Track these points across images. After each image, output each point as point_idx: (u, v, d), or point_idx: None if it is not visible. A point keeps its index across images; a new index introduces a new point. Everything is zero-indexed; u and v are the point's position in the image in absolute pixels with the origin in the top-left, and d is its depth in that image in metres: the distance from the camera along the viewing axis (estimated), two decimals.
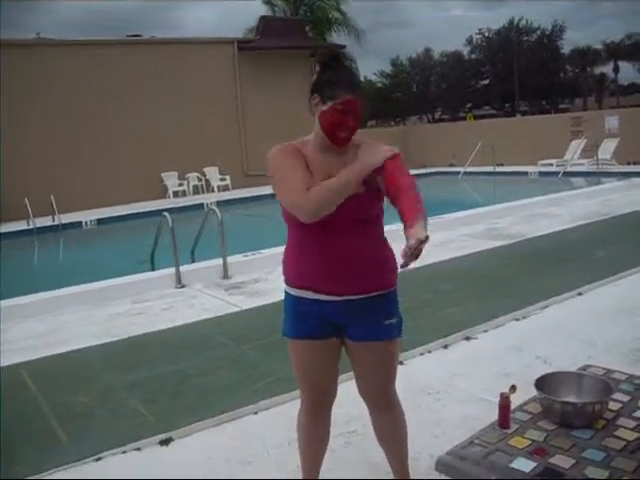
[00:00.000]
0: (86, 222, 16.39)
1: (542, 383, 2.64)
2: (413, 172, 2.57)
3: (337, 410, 2.85)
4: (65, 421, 4.08)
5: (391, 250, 2.64)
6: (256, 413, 4.04)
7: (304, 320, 2.60)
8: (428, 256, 8.25)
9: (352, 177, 2.36)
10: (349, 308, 2.53)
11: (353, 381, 2.81)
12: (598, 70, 61.37)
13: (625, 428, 2.47)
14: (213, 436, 3.79)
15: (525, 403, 2.75)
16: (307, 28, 28.19)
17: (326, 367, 2.70)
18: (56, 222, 15.55)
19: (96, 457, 3.57)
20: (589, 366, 3.16)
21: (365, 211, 2.51)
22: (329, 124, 2.45)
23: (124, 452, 3.63)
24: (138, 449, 3.66)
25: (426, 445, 3.35)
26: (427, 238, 2.16)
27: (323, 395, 2.77)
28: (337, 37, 31.03)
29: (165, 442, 3.73)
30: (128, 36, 21.86)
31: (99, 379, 4.83)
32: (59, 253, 14.53)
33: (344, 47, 28.76)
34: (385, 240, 2.63)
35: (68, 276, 9.12)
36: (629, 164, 18.35)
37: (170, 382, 4.64)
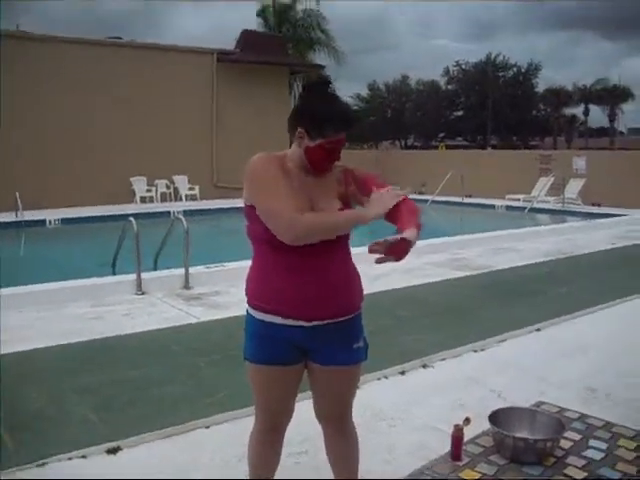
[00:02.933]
0: (50, 221, 16.15)
1: (496, 417, 2.64)
2: None
3: (290, 429, 2.82)
4: (12, 423, 3.98)
5: (357, 271, 2.64)
6: (208, 427, 4.00)
7: (271, 345, 2.53)
8: (390, 282, 8.36)
9: (354, 220, 2.37)
10: (317, 333, 2.50)
11: (307, 401, 2.80)
12: (570, 111, 62.55)
13: (574, 467, 2.48)
14: (162, 448, 3.73)
15: (478, 436, 2.75)
16: (289, 46, 28.29)
17: (287, 392, 2.66)
18: (19, 218, 15.31)
19: (40, 462, 3.49)
20: (543, 403, 3.18)
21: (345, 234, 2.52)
22: (315, 160, 2.43)
23: (70, 459, 3.56)
24: (84, 457, 3.59)
25: (377, 471, 3.34)
26: (411, 243, 2.23)
27: (280, 417, 2.73)
28: (318, 57, 31.24)
29: (113, 451, 3.66)
30: (108, 38, 21.69)
31: (51, 382, 4.74)
32: (19, 250, 14.27)
33: (323, 67, 28.94)
34: (352, 261, 2.63)
35: (27, 274, 8.97)
36: (593, 205, 18.69)
37: (123, 390, 4.58)
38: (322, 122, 2.37)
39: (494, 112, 52.24)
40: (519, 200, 19.88)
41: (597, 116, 64.57)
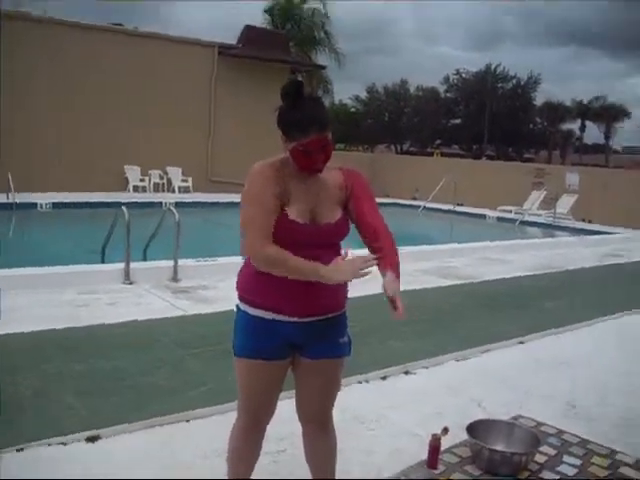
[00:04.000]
0: (41, 204, 16.11)
1: (474, 428, 2.69)
2: (376, 200, 2.64)
3: (269, 428, 2.84)
4: None
5: None
6: (188, 421, 4.01)
7: (261, 340, 2.57)
8: (376, 286, 8.32)
9: (314, 276, 2.38)
10: (308, 329, 2.57)
11: (287, 401, 2.83)
12: (566, 126, 62.87)
13: None
14: (142, 439, 3.75)
15: (455, 446, 2.79)
16: (291, 44, 28.30)
17: (274, 387, 2.70)
18: (10, 200, 15.24)
19: (18, 447, 3.50)
20: (520, 416, 3.22)
21: (340, 236, 2.59)
22: (297, 162, 2.47)
23: (49, 444, 3.57)
24: (64, 443, 3.60)
25: (353, 474, 3.36)
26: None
27: (264, 414, 2.76)
28: (319, 57, 31.27)
29: (92, 439, 3.67)
30: (110, 24, 21.63)
31: (34, 366, 4.74)
32: (8, 232, 14.22)
33: (324, 67, 28.99)
34: None
35: (13, 257, 8.95)
36: (584, 221, 18.79)
37: (106, 378, 4.59)
38: (290, 126, 2.44)
39: (491, 122, 52.40)
40: (511, 212, 19.95)
41: (593, 133, 65.02)
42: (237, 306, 2.64)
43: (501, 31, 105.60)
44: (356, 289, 2.81)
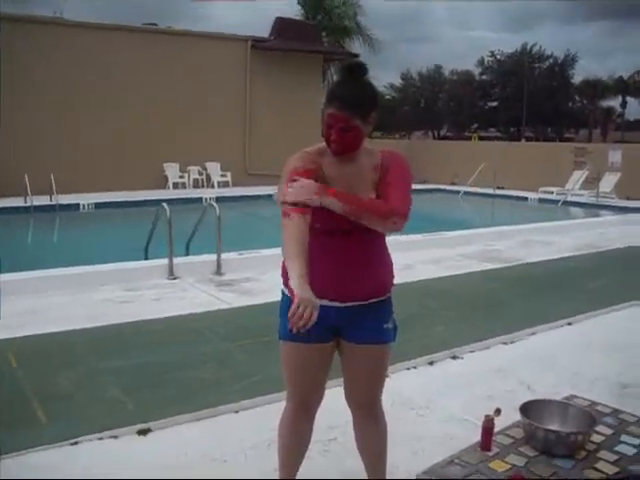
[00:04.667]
0: (84, 205, 16.36)
1: (527, 409, 2.63)
2: (415, 187, 2.58)
3: (319, 417, 2.84)
4: (45, 402, 4.05)
5: (389, 255, 2.66)
6: (237, 412, 4.03)
7: None
8: (420, 272, 8.35)
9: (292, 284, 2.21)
10: (350, 313, 2.56)
11: (338, 388, 2.81)
12: (606, 103, 61.59)
13: (606, 461, 2.46)
14: (192, 431, 3.77)
15: (508, 427, 2.74)
16: (323, 34, 28.23)
17: (319, 370, 2.69)
18: (53, 202, 15.49)
19: (72, 441, 3.55)
20: (574, 396, 3.16)
21: None
22: (324, 134, 2.47)
23: (101, 439, 3.61)
24: (115, 437, 3.65)
25: (404, 460, 3.34)
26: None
27: (312, 398, 2.76)
28: (352, 46, 31.11)
29: (143, 432, 3.71)
30: (144, 24, 21.84)
31: (83, 363, 4.81)
32: (54, 233, 14.47)
33: (357, 56, 28.81)
34: (385, 245, 2.64)
35: (60, 257, 9.10)
36: (628, 199, 18.42)
37: (154, 372, 4.63)
38: (326, 96, 2.47)
39: (529, 103, 51.57)
40: (552, 193, 19.66)
41: (635, 109, 63.54)
42: (282, 291, 2.64)
43: (535, 10, 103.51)
44: (399, 276, 2.77)
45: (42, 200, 15.43)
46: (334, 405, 2.95)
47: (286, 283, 2.58)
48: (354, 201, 2.38)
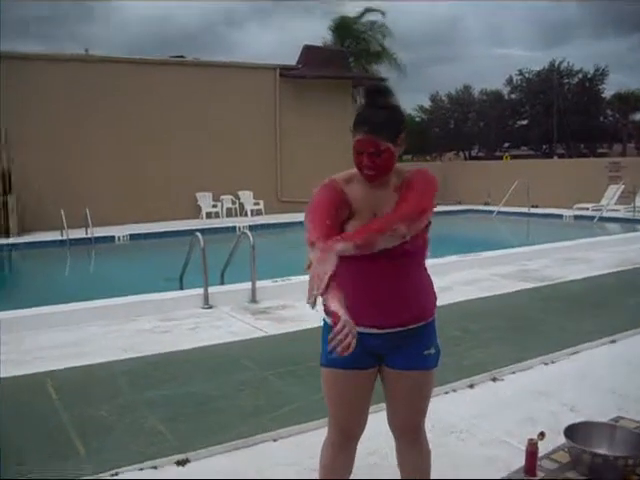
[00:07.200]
0: (119, 237, 16.56)
1: (572, 432, 2.56)
2: (448, 208, 2.55)
3: (360, 442, 2.79)
4: (84, 433, 4.06)
5: (430, 279, 2.63)
6: (275, 440, 3.99)
7: None
8: (457, 294, 8.26)
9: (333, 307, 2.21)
10: (390, 339, 2.53)
11: (376, 413, 2.77)
12: (639, 116, 60.79)
13: None
14: (231, 460, 3.74)
15: (552, 451, 2.67)
16: (351, 59, 28.40)
17: (361, 397, 2.66)
18: (89, 235, 15.70)
19: (113, 472, 3.55)
20: (621, 418, 3.07)
21: (415, 243, 2.45)
22: (354, 161, 2.45)
23: (141, 469, 3.61)
24: (154, 467, 3.64)
25: None
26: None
27: (354, 426, 2.71)
28: (380, 70, 31.23)
29: (182, 463, 3.69)
30: (171, 57, 22.19)
31: (121, 394, 4.82)
32: (90, 266, 14.64)
33: (385, 80, 28.93)
34: (426, 270, 2.61)
35: (97, 289, 9.18)
36: None
37: (191, 402, 4.62)
38: (352, 123, 2.44)
39: (560, 120, 51.15)
40: (587, 209, 19.42)
41: None
42: (323, 319, 2.61)
43: (564, 27, 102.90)
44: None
45: (78, 233, 15.68)
46: (373, 430, 2.90)
47: (327, 311, 2.55)
48: (361, 232, 2.32)
